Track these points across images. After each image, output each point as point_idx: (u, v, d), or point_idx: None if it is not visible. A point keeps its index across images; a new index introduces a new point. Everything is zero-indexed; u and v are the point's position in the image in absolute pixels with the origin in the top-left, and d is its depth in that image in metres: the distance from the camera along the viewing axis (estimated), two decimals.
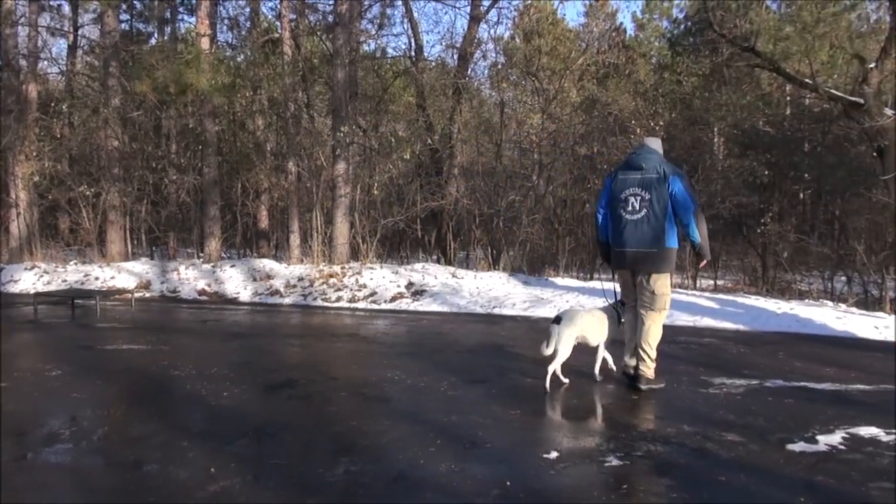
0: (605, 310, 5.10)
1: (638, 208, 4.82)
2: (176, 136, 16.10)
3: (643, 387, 4.78)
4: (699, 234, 4.71)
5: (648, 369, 4.84)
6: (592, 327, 4.94)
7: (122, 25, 17.59)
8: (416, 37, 16.10)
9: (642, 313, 4.88)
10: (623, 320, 5.07)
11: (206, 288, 11.40)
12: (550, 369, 4.75)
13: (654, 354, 4.86)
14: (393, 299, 10.11)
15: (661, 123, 12.78)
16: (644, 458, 3.46)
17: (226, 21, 17.29)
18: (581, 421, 4.16)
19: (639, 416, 4.20)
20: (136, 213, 15.25)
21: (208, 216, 13.57)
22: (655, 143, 5.00)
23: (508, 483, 3.09)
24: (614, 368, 5.15)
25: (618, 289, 5.20)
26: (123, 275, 12.11)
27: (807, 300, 9.45)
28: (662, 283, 4.81)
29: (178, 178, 15.01)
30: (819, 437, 3.76)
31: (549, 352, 4.73)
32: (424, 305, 9.73)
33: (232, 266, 12.07)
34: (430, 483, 3.11)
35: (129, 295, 10.71)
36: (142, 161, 14.77)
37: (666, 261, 4.77)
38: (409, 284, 10.61)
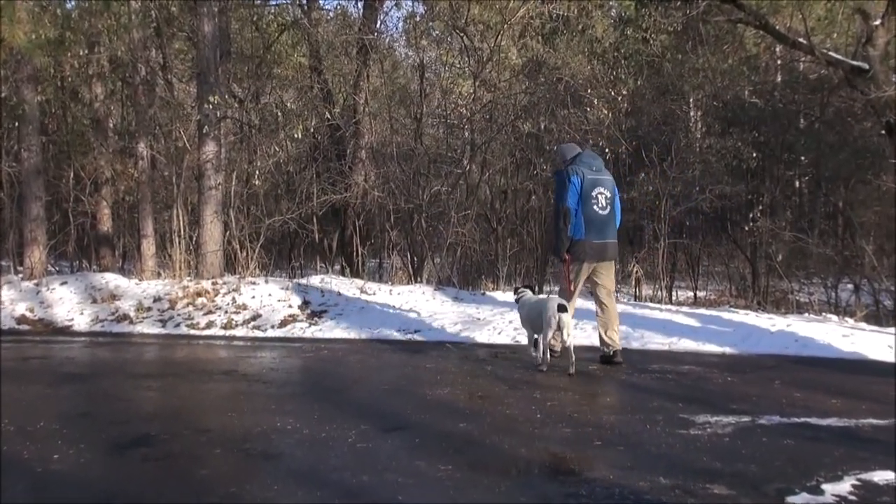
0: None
1: (604, 205, 7.28)
2: None
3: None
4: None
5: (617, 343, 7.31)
6: None
7: None
8: None
9: (606, 300, 7.33)
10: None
11: (28, 314, 11.05)
12: (572, 349, 6.75)
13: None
14: (283, 324, 10.01)
15: (624, 92, 13.06)
16: None
17: None
18: (530, 476, 4.19)
19: (603, 467, 4.26)
20: None
21: (29, 216, 13.14)
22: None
23: None
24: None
25: (574, 285, 7.25)
26: None
27: (807, 314, 9.81)
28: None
29: None
30: (825, 486, 3.88)
31: (570, 342, 6.78)
32: (325, 331, 9.66)
33: (63, 283, 11.71)
34: None
35: None
36: None
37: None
38: (305, 304, 10.51)
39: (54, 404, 6.02)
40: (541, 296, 7.76)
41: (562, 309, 6.78)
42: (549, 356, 6.97)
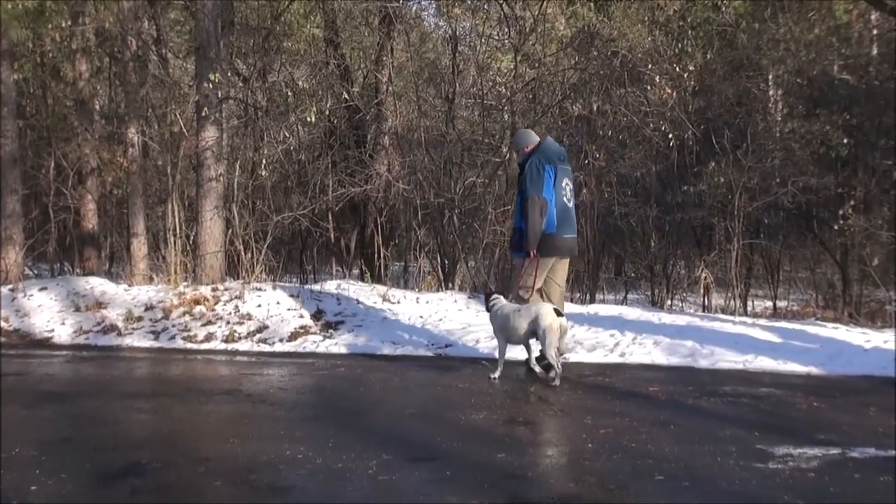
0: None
1: (569, 197, 8.01)
2: None
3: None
4: None
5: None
6: None
7: None
8: None
9: (560, 302, 7.95)
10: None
11: (3, 324, 11.06)
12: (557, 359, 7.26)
13: None
14: (293, 336, 10.01)
15: (691, 68, 12.97)
16: None
17: None
18: None
19: None
20: None
21: (4, 213, 13.22)
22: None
23: None
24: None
25: (538, 283, 7.88)
26: None
27: None
28: None
29: None
30: None
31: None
32: (341, 345, 9.66)
33: (42, 289, 11.80)
34: None
35: None
36: None
37: None
38: (318, 313, 10.53)
39: (32, 428, 6.04)
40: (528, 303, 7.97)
41: (558, 314, 7.30)
42: (560, 367, 7.33)
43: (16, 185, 13.38)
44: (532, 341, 7.66)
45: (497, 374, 7.61)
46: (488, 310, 7.91)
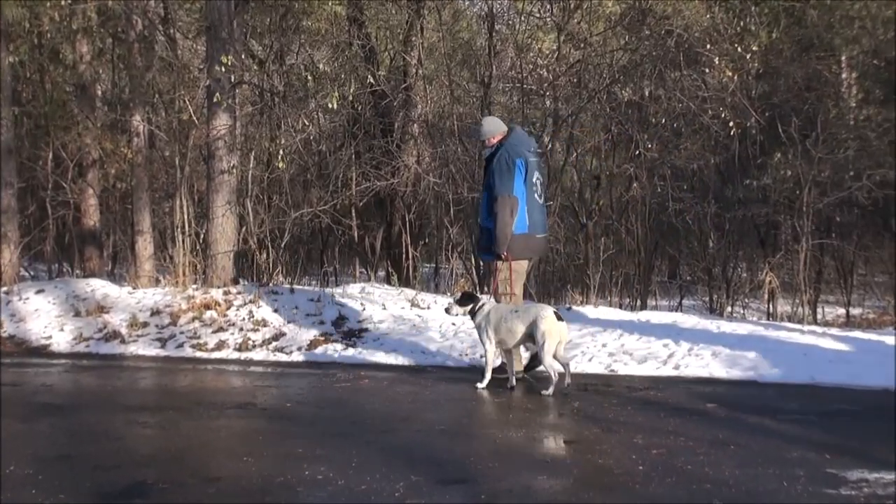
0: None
1: (541, 193, 8.18)
2: None
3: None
4: None
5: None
6: None
7: None
8: None
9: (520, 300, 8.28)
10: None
11: None
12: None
13: None
14: (312, 345, 10.04)
15: (755, 48, 12.86)
16: None
17: None
18: None
19: None
20: None
21: None
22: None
23: None
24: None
25: (517, 287, 8.17)
26: None
27: None
28: None
29: None
30: None
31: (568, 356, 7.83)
32: (365, 354, 9.67)
33: (39, 292, 11.92)
34: None
35: None
36: None
37: None
38: (340, 320, 10.56)
39: (28, 443, 6.09)
40: (524, 304, 8.40)
41: (559, 318, 7.50)
42: (556, 377, 7.51)
43: (10, 178, 13.51)
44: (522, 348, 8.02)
45: (484, 384, 7.76)
46: (471, 313, 7.94)
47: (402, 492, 4.83)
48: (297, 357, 9.81)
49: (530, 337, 7.53)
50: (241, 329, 10.53)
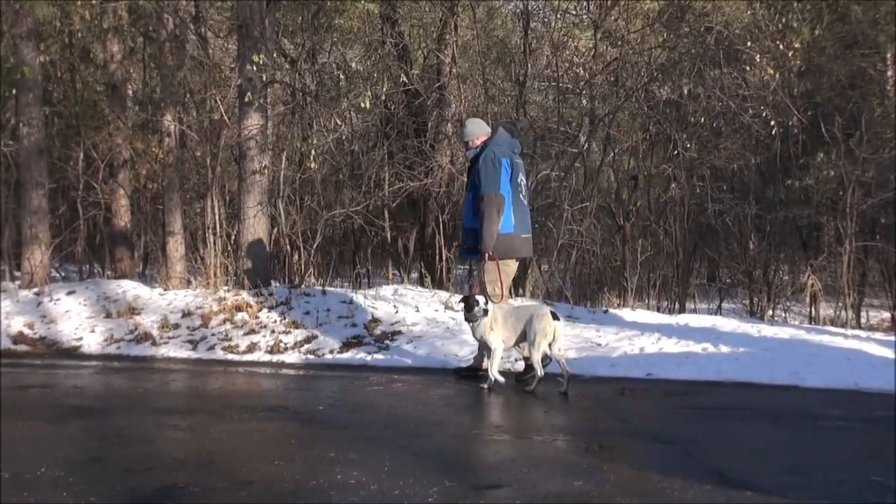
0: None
1: (525, 194, 8.40)
2: None
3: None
4: None
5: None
6: None
7: None
8: None
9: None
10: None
11: (27, 331, 11.30)
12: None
13: None
14: (345, 347, 10.05)
15: (797, 46, 12.77)
16: None
17: None
18: None
19: None
20: None
21: (28, 208, 13.48)
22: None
23: None
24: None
25: (504, 289, 8.23)
26: None
27: None
28: None
29: None
30: None
31: (563, 356, 7.76)
32: (398, 357, 9.67)
33: (70, 293, 11.98)
34: None
35: None
36: None
37: None
38: (373, 322, 10.55)
39: (58, 446, 6.09)
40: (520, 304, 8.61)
41: (555, 317, 7.64)
42: (542, 373, 7.72)
43: (41, 179, 13.58)
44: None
45: (489, 384, 7.85)
46: (470, 318, 7.94)
47: (435, 497, 4.79)
48: (329, 359, 9.81)
49: (525, 335, 7.72)
50: (273, 331, 10.54)
